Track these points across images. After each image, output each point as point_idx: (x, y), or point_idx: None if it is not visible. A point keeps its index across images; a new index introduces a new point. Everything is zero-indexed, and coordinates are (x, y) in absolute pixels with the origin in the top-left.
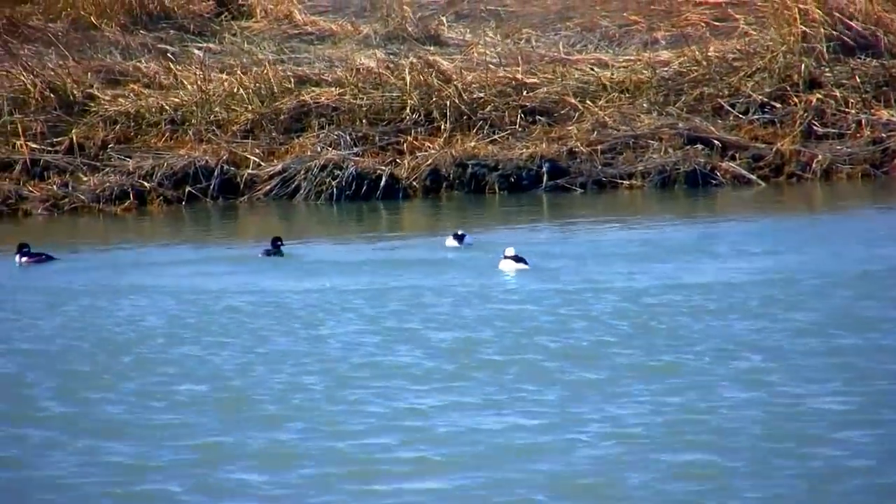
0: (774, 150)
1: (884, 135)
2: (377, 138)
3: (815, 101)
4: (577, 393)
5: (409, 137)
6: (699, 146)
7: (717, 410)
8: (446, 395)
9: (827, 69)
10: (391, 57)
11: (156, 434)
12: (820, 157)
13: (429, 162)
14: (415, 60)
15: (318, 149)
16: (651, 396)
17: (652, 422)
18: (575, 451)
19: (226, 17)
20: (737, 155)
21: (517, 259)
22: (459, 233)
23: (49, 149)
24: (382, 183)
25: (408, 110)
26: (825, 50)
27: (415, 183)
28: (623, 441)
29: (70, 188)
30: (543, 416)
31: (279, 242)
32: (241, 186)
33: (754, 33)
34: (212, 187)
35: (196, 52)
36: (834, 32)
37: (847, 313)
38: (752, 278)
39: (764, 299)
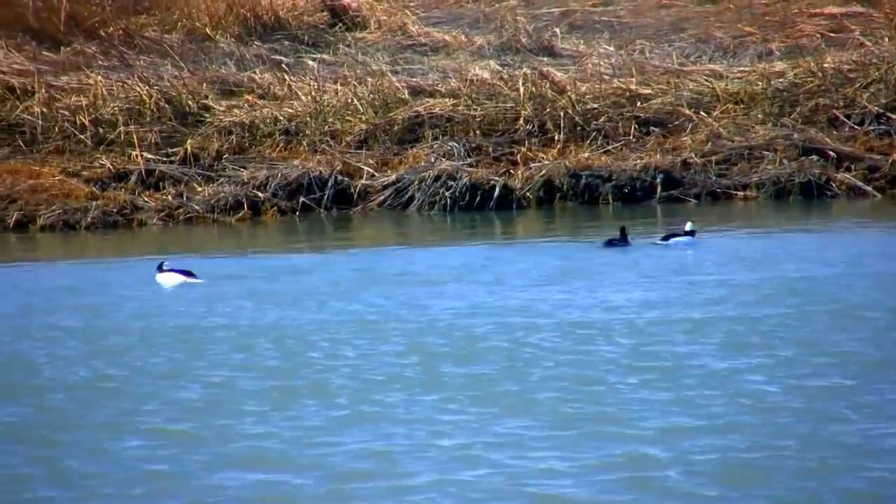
0: (890, 161)
1: None
2: (491, 149)
3: None
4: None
5: (522, 148)
6: (814, 157)
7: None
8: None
9: None
10: (505, 68)
11: None
12: None
13: (542, 173)
14: (529, 71)
15: (432, 159)
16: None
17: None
18: None
19: (340, 28)
20: (852, 166)
21: (182, 272)
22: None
23: (164, 159)
24: (496, 193)
25: (521, 121)
26: None
27: (528, 193)
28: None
29: (184, 198)
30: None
31: (625, 233)
32: (355, 197)
33: (870, 44)
34: (325, 198)
35: (310, 62)
36: None
37: None
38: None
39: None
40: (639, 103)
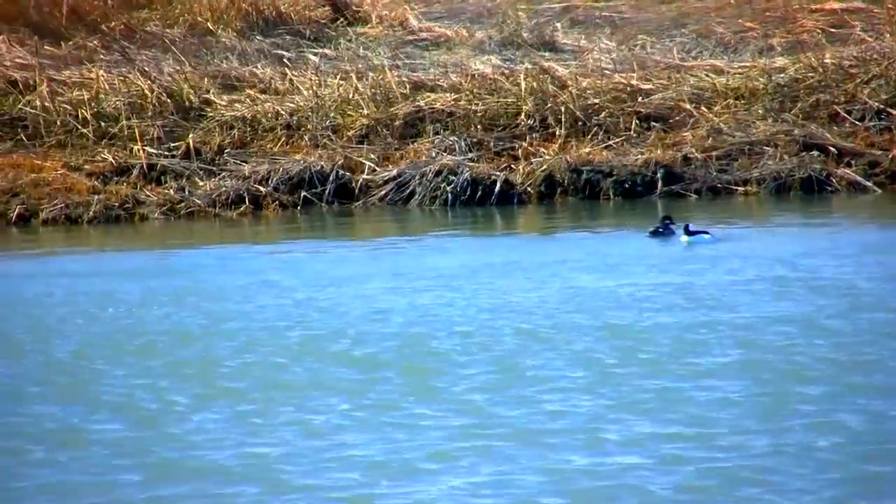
0: (890, 156)
1: None
2: (492, 144)
3: None
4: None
5: (523, 143)
6: (815, 153)
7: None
8: None
9: None
10: (506, 63)
11: None
12: None
13: (543, 168)
14: (530, 66)
15: (433, 154)
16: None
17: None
18: None
19: (341, 22)
20: (852, 161)
21: None
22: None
23: (166, 153)
24: (497, 188)
25: (523, 116)
26: None
27: (529, 188)
28: None
29: (186, 192)
30: None
31: (668, 221)
32: (356, 191)
33: (870, 40)
34: (327, 192)
35: (312, 57)
36: None
37: None
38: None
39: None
40: (640, 98)
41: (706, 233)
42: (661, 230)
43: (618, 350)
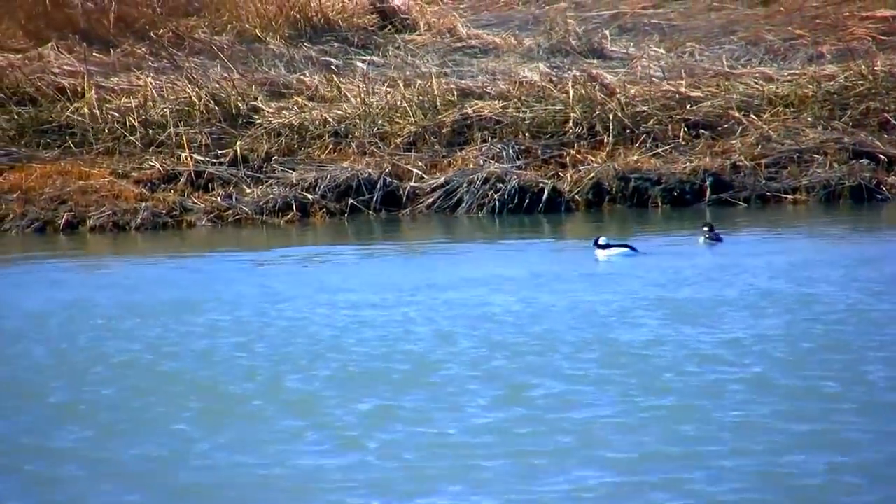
0: None
1: None
2: (540, 151)
3: None
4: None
5: (571, 150)
6: (865, 161)
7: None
8: None
9: None
10: (554, 70)
11: None
12: None
13: (591, 175)
14: (578, 74)
15: (481, 162)
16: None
17: None
18: None
19: (389, 30)
20: None
21: None
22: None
23: (213, 161)
24: (545, 196)
25: (571, 123)
26: None
27: (577, 196)
28: None
29: (234, 200)
30: None
31: (713, 228)
32: (404, 199)
33: None
34: (374, 199)
35: (359, 64)
36: None
37: None
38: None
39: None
40: (688, 106)
41: (627, 246)
42: (715, 237)
43: (616, 367)
